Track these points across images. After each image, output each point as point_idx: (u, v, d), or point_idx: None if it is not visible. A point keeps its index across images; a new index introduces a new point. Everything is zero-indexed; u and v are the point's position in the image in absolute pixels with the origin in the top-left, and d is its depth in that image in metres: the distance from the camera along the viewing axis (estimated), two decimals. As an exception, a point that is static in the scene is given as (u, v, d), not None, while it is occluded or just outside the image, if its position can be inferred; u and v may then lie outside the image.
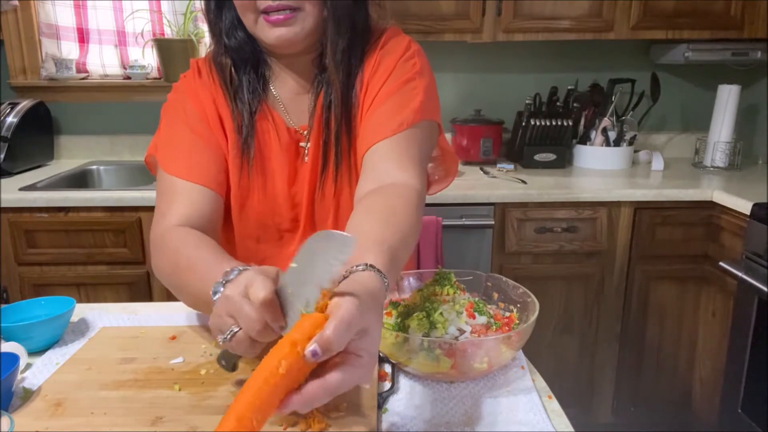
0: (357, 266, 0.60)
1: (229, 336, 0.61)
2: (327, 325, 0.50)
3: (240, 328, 0.60)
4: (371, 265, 0.61)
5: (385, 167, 0.86)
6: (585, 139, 2.30)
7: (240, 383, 0.77)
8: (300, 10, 0.88)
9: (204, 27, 2.36)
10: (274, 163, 0.98)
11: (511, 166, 2.20)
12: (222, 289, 0.65)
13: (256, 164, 0.97)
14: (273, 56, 0.97)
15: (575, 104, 2.28)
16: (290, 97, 0.99)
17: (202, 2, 0.98)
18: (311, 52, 0.96)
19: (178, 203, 0.91)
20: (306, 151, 0.98)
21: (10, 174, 2.12)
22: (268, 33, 0.89)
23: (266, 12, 0.88)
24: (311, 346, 0.50)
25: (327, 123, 0.96)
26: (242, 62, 0.96)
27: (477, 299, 0.87)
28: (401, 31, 1.00)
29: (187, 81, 1.00)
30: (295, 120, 0.99)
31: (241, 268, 0.68)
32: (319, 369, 0.53)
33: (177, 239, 0.86)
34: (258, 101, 0.97)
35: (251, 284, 0.60)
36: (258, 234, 1.01)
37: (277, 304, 0.59)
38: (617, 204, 1.94)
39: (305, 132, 0.98)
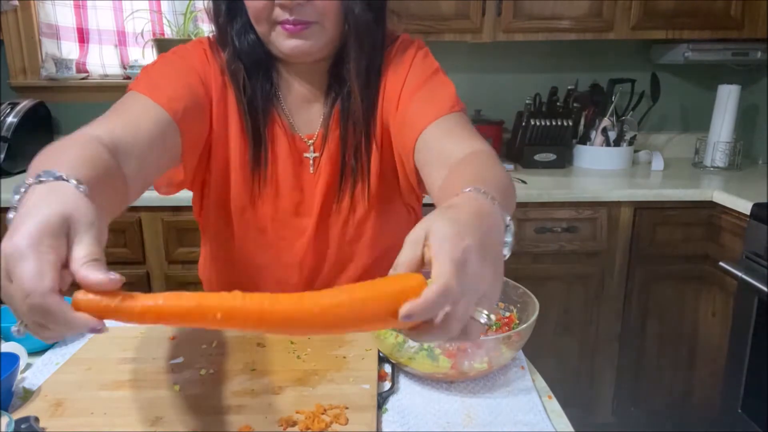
0: (464, 190, 0.54)
1: None
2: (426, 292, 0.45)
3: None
4: (476, 189, 0.54)
5: (444, 146, 0.80)
6: (585, 139, 2.30)
7: (238, 391, 0.77)
8: (318, 24, 0.84)
9: (204, 27, 2.36)
10: (279, 170, 0.95)
11: (511, 166, 2.20)
12: (16, 203, 0.48)
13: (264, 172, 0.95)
14: (283, 62, 0.93)
15: (575, 104, 2.28)
16: (297, 105, 0.95)
17: (210, 5, 0.90)
18: (326, 60, 0.92)
19: (115, 115, 0.77)
20: (312, 162, 0.95)
21: (10, 174, 2.12)
22: (283, 42, 0.84)
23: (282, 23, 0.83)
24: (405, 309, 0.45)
25: (345, 138, 0.93)
26: (254, 66, 0.91)
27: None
28: (411, 39, 0.99)
29: (198, 48, 0.93)
30: (300, 128, 0.95)
31: (59, 176, 0.49)
32: None
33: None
34: (270, 109, 0.93)
35: (79, 241, 0.44)
36: (256, 238, 0.98)
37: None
38: (617, 204, 1.94)
39: (310, 141, 0.95)
